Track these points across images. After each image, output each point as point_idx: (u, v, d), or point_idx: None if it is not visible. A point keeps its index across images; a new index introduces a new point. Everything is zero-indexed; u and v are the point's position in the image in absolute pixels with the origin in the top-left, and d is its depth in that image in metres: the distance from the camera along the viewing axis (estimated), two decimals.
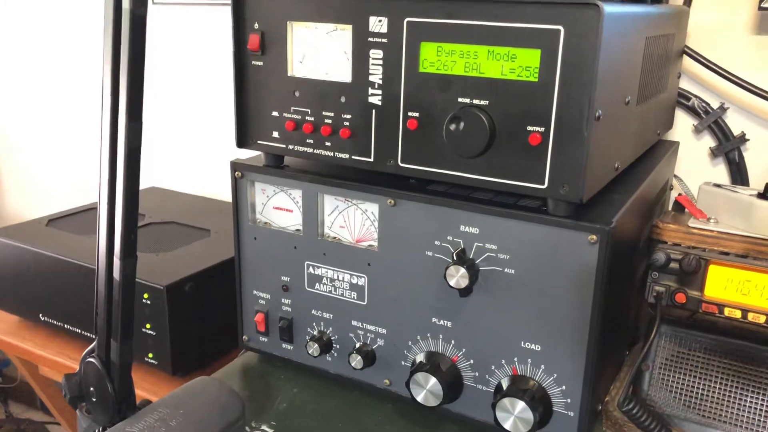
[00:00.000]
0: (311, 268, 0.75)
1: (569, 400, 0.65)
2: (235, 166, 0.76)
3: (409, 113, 0.64)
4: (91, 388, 0.62)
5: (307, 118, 0.70)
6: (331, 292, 0.74)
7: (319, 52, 0.68)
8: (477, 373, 0.68)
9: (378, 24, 0.64)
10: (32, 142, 1.74)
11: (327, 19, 0.66)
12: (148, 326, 0.92)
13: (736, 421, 0.68)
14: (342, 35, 0.66)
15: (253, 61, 0.71)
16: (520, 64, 0.58)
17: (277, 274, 0.77)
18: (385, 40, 0.64)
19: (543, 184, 0.60)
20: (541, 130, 0.59)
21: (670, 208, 0.83)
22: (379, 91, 0.65)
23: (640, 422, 0.67)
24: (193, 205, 1.24)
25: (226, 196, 1.03)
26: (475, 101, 0.61)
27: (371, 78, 0.65)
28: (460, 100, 0.61)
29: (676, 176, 0.97)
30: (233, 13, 0.70)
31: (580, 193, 0.58)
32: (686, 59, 0.96)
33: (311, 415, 0.74)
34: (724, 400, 0.69)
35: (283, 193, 0.75)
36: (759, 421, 0.67)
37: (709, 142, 1.01)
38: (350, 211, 0.71)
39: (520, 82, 0.59)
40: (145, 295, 0.90)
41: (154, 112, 1.46)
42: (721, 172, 1.01)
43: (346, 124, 0.68)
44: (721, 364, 0.68)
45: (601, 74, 0.56)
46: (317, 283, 0.75)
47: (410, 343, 0.71)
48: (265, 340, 0.81)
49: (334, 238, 0.73)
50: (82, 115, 1.62)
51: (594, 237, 0.59)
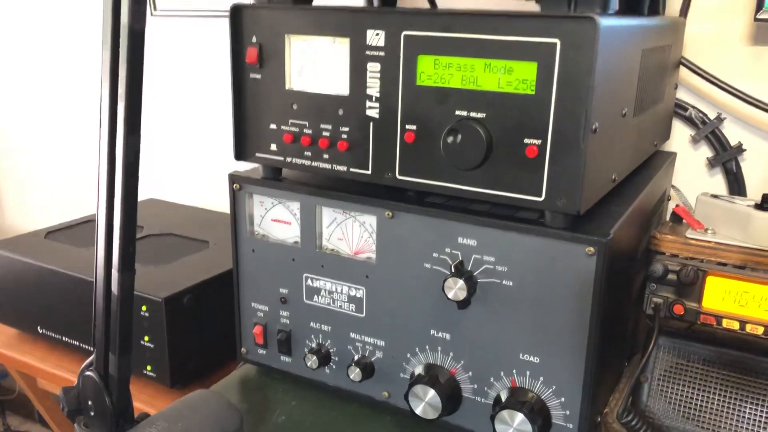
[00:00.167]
0: (309, 281, 0.75)
1: (568, 412, 0.64)
2: (234, 178, 0.76)
3: (407, 126, 0.64)
4: (89, 402, 0.62)
5: (305, 130, 0.70)
6: (329, 304, 0.74)
7: (317, 66, 0.68)
8: (476, 385, 0.68)
9: (375, 37, 0.64)
10: (30, 152, 1.74)
11: (325, 33, 0.67)
12: (147, 338, 0.92)
13: None
14: (340, 48, 0.66)
15: (251, 74, 0.71)
16: (516, 77, 0.59)
17: (275, 286, 0.77)
18: (382, 54, 0.64)
19: (540, 197, 0.60)
20: (538, 142, 0.59)
21: (668, 219, 0.83)
22: (377, 104, 0.65)
23: None
24: (191, 217, 1.24)
25: (225, 207, 1.04)
26: (473, 114, 0.61)
27: (369, 91, 0.65)
28: (458, 112, 0.62)
29: (673, 186, 0.98)
30: (231, 27, 0.71)
31: (578, 205, 0.59)
32: (683, 69, 0.97)
33: (310, 428, 0.74)
34: (723, 412, 0.68)
35: (281, 205, 0.75)
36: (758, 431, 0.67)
37: (706, 152, 1.01)
38: (348, 224, 0.71)
39: (517, 95, 0.59)
40: (144, 308, 0.90)
41: (153, 123, 1.47)
42: (718, 182, 1.01)
43: (344, 136, 0.68)
44: (720, 375, 0.68)
45: (598, 87, 0.57)
46: (315, 296, 0.75)
47: (409, 356, 0.71)
48: (264, 352, 0.81)
49: (333, 250, 0.73)
50: (81, 125, 1.62)
51: (591, 249, 0.59)
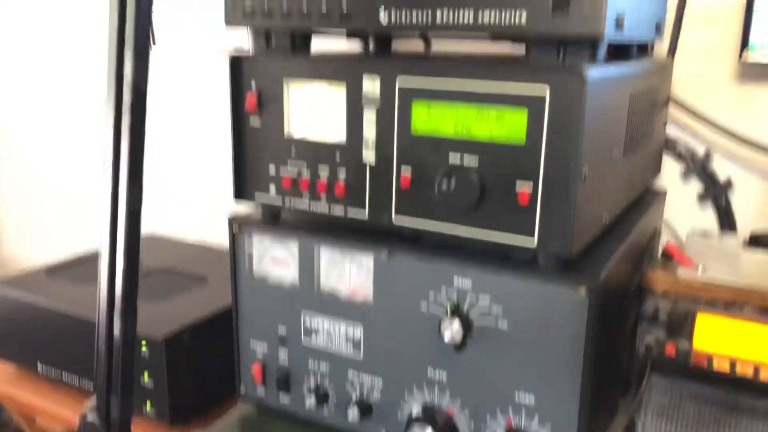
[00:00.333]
0: (308, 320, 0.76)
1: None
2: (233, 220, 0.78)
3: (402, 171, 0.66)
4: None
5: (303, 174, 0.72)
6: (327, 343, 0.75)
7: (314, 112, 0.70)
8: (473, 424, 0.69)
9: (371, 84, 0.66)
10: (29, 181, 1.75)
11: (322, 78, 0.69)
12: (146, 376, 0.93)
13: None
14: (337, 95, 0.68)
15: (251, 120, 0.73)
16: (507, 125, 0.61)
17: (274, 325, 0.78)
18: (378, 100, 0.66)
19: (533, 240, 0.61)
20: (530, 188, 0.60)
21: (660, 256, 0.85)
22: (373, 150, 0.67)
23: None
24: (189, 253, 1.26)
25: (222, 240, 1.04)
26: (466, 161, 0.63)
27: (365, 137, 0.67)
28: (451, 160, 0.63)
29: (665, 221, 0.99)
30: (230, 75, 0.73)
31: (569, 249, 0.60)
32: (672, 105, 0.99)
33: None
34: None
35: (279, 245, 0.76)
36: None
37: (697, 186, 1.03)
38: (346, 264, 0.73)
39: (508, 143, 0.61)
40: (143, 347, 0.91)
41: (152, 156, 1.48)
42: (709, 216, 1.03)
43: (342, 180, 0.70)
44: (713, 414, 0.69)
45: (587, 134, 0.58)
46: (313, 335, 0.76)
47: (406, 395, 0.72)
48: (263, 391, 0.81)
49: (331, 290, 0.74)
50: (79, 155, 1.63)
51: (583, 292, 0.60)
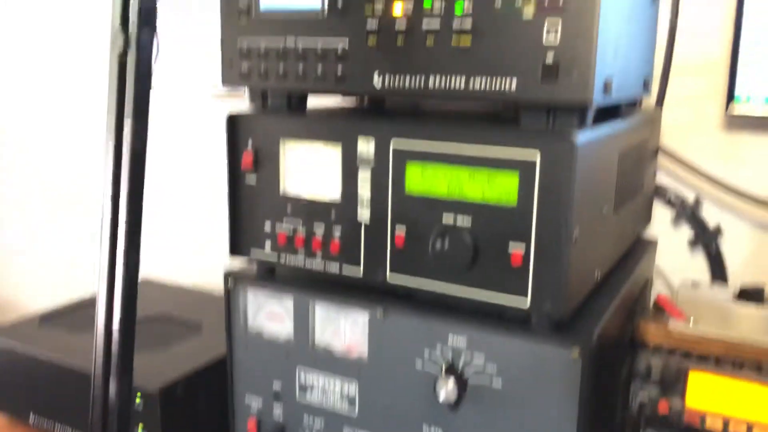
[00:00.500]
0: (303, 376, 0.76)
1: None
2: (228, 274, 0.79)
3: (397, 230, 0.67)
4: None
5: (299, 231, 0.72)
6: (322, 400, 0.75)
7: (310, 170, 0.71)
8: None
9: (366, 145, 0.67)
10: (24, 226, 1.76)
11: (317, 138, 0.70)
12: (141, 429, 0.92)
13: None
14: (332, 155, 0.69)
15: (247, 177, 0.74)
16: (499, 188, 0.62)
17: (268, 380, 0.78)
18: (372, 161, 0.67)
19: (526, 301, 0.62)
20: (522, 250, 0.61)
21: (651, 307, 0.86)
22: (368, 209, 0.68)
23: None
24: (183, 298, 1.26)
25: (216, 282, 1.04)
26: (459, 221, 0.64)
27: (360, 196, 0.68)
28: (445, 220, 0.64)
29: (656, 268, 1.00)
30: (227, 133, 0.74)
31: (562, 310, 0.61)
32: (661, 153, 1.00)
33: None
34: None
35: (274, 301, 0.77)
36: None
37: (687, 232, 1.04)
38: (341, 321, 0.73)
39: (500, 204, 0.62)
40: (138, 399, 0.91)
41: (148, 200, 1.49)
42: (700, 262, 1.04)
43: (336, 238, 0.70)
44: None
45: (577, 196, 0.60)
46: (309, 391, 0.76)
47: None
48: None
49: (326, 346, 0.75)
50: (74, 197, 1.64)
51: (576, 353, 0.61)
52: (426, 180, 0.65)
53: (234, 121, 0.74)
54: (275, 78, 0.71)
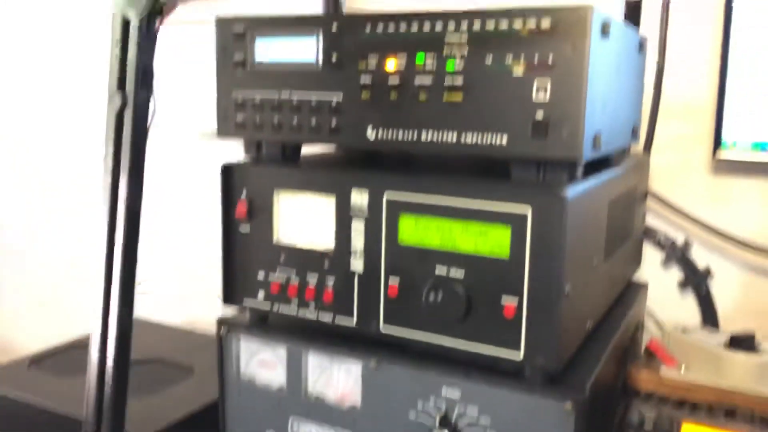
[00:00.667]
0: (295, 425, 0.76)
1: None
2: (221, 322, 0.78)
3: (390, 281, 0.67)
4: None
5: (292, 281, 0.73)
6: None
7: (303, 220, 0.72)
8: None
9: (359, 197, 0.68)
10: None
11: (311, 190, 0.70)
12: None
13: None
14: (326, 206, 0.70)
15: (241, 227, 0.75)
16: (491, 241, 0.62)
17: (261, 429, 0.78)
18: (366, 212, 0.68)
19: (519, 354, 0.62)
20: (515, 303, 0.62)
21: (643, 352, 0.86)
22: (361, 259, 0.69)
23: None
24: (175, 339, 1.25)
25: (208, 322, 1.04)
26: (452, 273, 0.64)
27: (353, 247, 0.69)
28: (438, 270, 0.65)
29: (647, 310, 1.01)
30: (222, 183, 0.74)
31: (555, 363, 0.61)
32: (650, 197, 1.02)
33: None
34: None
35: (267, 349, 0.77)
36: None
37: (677, 273, 1.05)
38: (334, 370, 0.73)
39: (493, 257, 0.62)
40: None
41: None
42: (691, 303, 1.05)
43: (330, 288, 0.71)
44: None
45: (569, 250, 0.60)
46: None
47: None
48: None
49: (318, 395, 0.74)
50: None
51: (569, 406, 0.61)
52: (419, 231, 0.66)
53: (228, 171, 0.74)
54: (270, 129, 0.72)
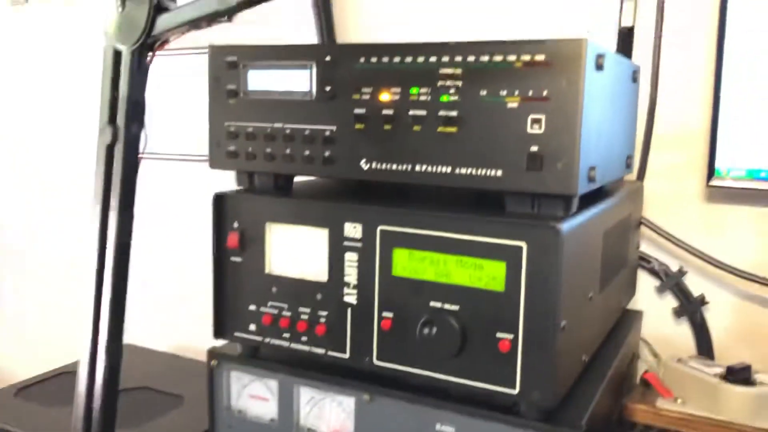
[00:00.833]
0: None
1: None
2: (212, 354, 0.77)
3: (384, 314, 0.67)
4: None
5: (284, 313, 0.72)
6: None
7: (296, 252, 0.71)
8: None
9: (353, 230, 0.67)
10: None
11: (304, 222, 0.70)
12: None
13: None
14: (319, 237, 0.69)
15: (232, 258, 0.74)
16: (487, 274, 0.62)
17: None
18: (359, 245, 0.67)
19: (514, 389, 0.62)
20: (510, 337, 0.61)
21: (639, 383, 0.85)
22: (354, 291, 0.68)
23: None
24: (165, 367, 1.23)
25: (198, 349, 1.03)
26: (447, 306, 0.64)
27: (347, 279, 0.68)
28: (432, 304, 0.64)
29: (642, 339, 1.00)
30: (214, 212, 0.73)
31: (551, 398, 0.60)
32: (645, 226, 1.01)
33: None
34: None
35: (258, 381, 0.75)
36: None
37: (672, 301, 1.04)
38: (326, 403, 0.72)
39: (488, 291, 0.62)
40: None
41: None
42: (685, 331, 1.04)
43: (322, 320, 0.70)
44: None
45: (564, 284, 0.60)
46: None
47: None
48: None
49: (310, 429, 0.73)
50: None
51: None
52: (413, 264, 0.65)
53: (220, 201, 0.73)
54: (262, 160, 0.71)
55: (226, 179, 0.76)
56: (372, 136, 0.66)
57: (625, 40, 0.98)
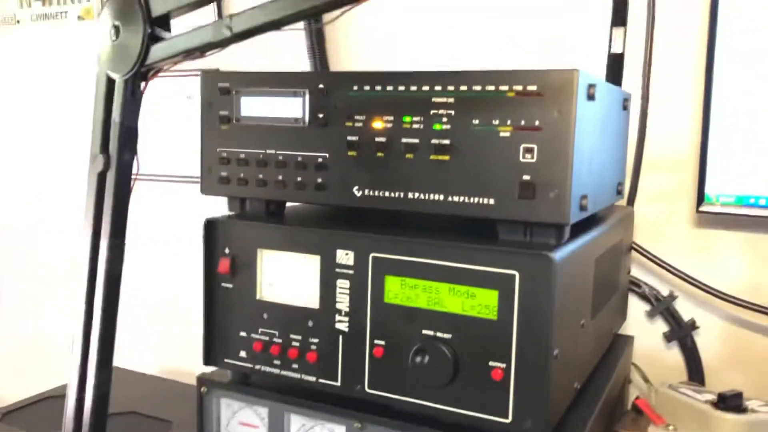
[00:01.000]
0: None
1: None
2: (201, 381, 0.76)
3: (376, 341, 0.66)
4: None
5: (275, 340, 0.71)
6: None
7: (287, 279, 0.70)
8: None
9: (345, 257, 0.67)
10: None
11: (296, 249, 0.69)
12: None
13: None
14: (310, 264, 0.69)
15: (223, 284, 0.73)
16: (479, 302, 0.62)
17: None
18: (351, 272, 0.67)
19: (507, 418, 0.61)
20: (503, 365, 0.61)
21: (630, 409, 0.85)
22: (346, 319, 0.67)
23: None
24: (154, 390, 1.22)
25: (186, 372, 1.02)
26: (439, 334, 0.63)
27: (338, 306, 0.68)
28: (424, 332, 0.64)
29: (633, 365, 1.00)
30: (205, 238, 0.73)
31: (544, 427, 0.60)
32: (635, 251, 1.02)
33: None
34: None
35: (249, 408, 0.75)
36: None
37: (663, 325, 1.05)
38: (317, 431, 0.71)
39: (481, 319, 0.62)
40: None
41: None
42: (676, 355, 1.04)
43: (314, 348, 0.69)
44: None
45: (557, 312, 0.60)
46: None
47: None
48: None
49: None
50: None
51: None
52: (405, 292, 0.65)
53: (211, 226, 0.73)
54: (254, 186, 0.71)
55: (219, 200, 0.76)
56: (364, 164, 0.66)
57: (615, 67, 0.99)
